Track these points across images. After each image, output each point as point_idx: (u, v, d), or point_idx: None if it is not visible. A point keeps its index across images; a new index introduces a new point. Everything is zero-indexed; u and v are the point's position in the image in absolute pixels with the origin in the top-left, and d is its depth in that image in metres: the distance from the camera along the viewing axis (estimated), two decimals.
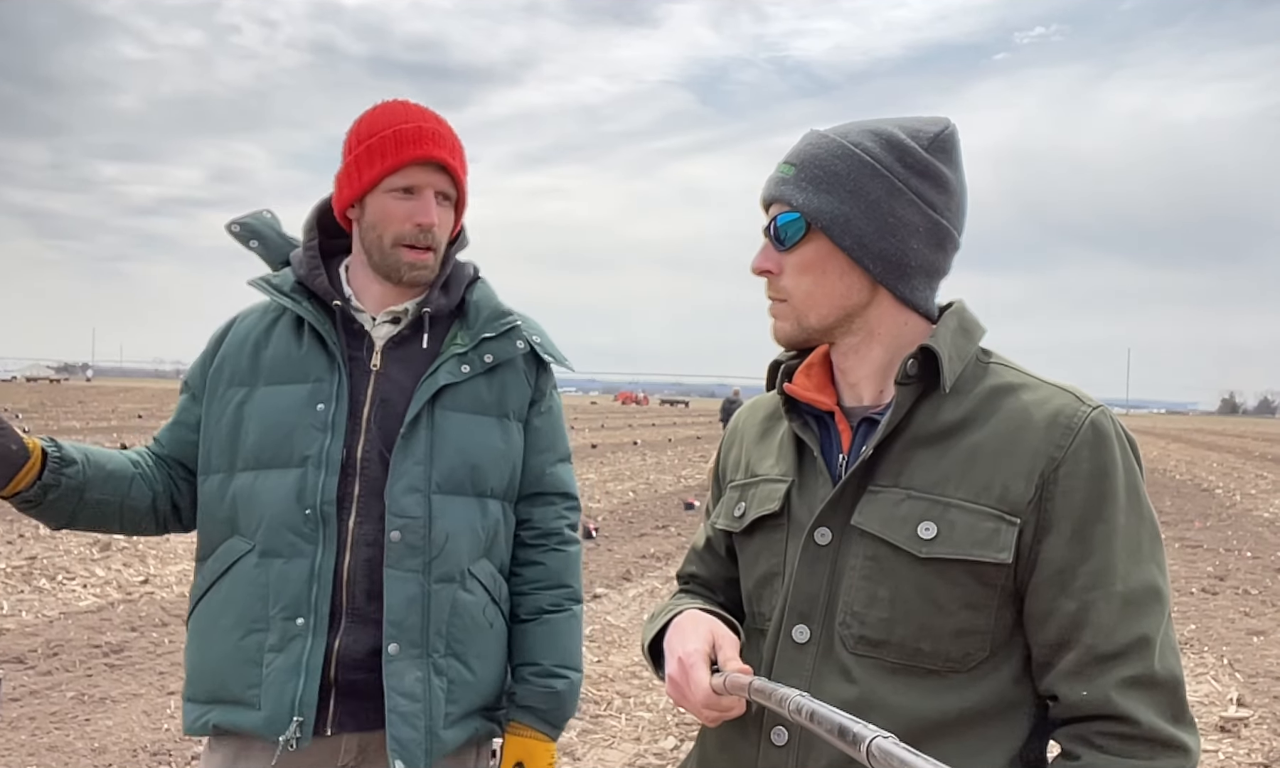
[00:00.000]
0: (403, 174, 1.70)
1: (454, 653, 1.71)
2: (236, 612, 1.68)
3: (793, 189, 1.21)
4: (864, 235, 1.18)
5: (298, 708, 1.63)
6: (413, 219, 1.70)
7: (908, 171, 1.18)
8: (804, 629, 1.19)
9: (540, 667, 1.80)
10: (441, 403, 1.73)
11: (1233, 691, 5.69)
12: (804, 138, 1.25)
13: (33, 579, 7.54)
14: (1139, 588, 1.10)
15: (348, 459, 1.69)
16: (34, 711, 4.70)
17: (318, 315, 1.73)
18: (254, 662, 1.66)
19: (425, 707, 1.67)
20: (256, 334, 1.79)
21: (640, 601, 7.72)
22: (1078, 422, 1.12)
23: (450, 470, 1.72)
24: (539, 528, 1.85)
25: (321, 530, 1.66)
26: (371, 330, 1.76)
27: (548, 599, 1.83)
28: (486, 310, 1.81)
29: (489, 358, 1.77)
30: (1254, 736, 5.04)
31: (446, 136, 1.73)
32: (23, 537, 9.29)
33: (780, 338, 1.26)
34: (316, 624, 1.65)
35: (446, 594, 1.70)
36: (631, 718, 4.99)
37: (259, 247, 1.83)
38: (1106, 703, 1.08)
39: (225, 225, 1.83)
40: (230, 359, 1.79)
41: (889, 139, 1.19)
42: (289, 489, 1.67)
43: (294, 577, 1.66)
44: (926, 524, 1.13)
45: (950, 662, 1.14)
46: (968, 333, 1.22)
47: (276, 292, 1.76)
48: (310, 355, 1.73)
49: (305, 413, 1.70)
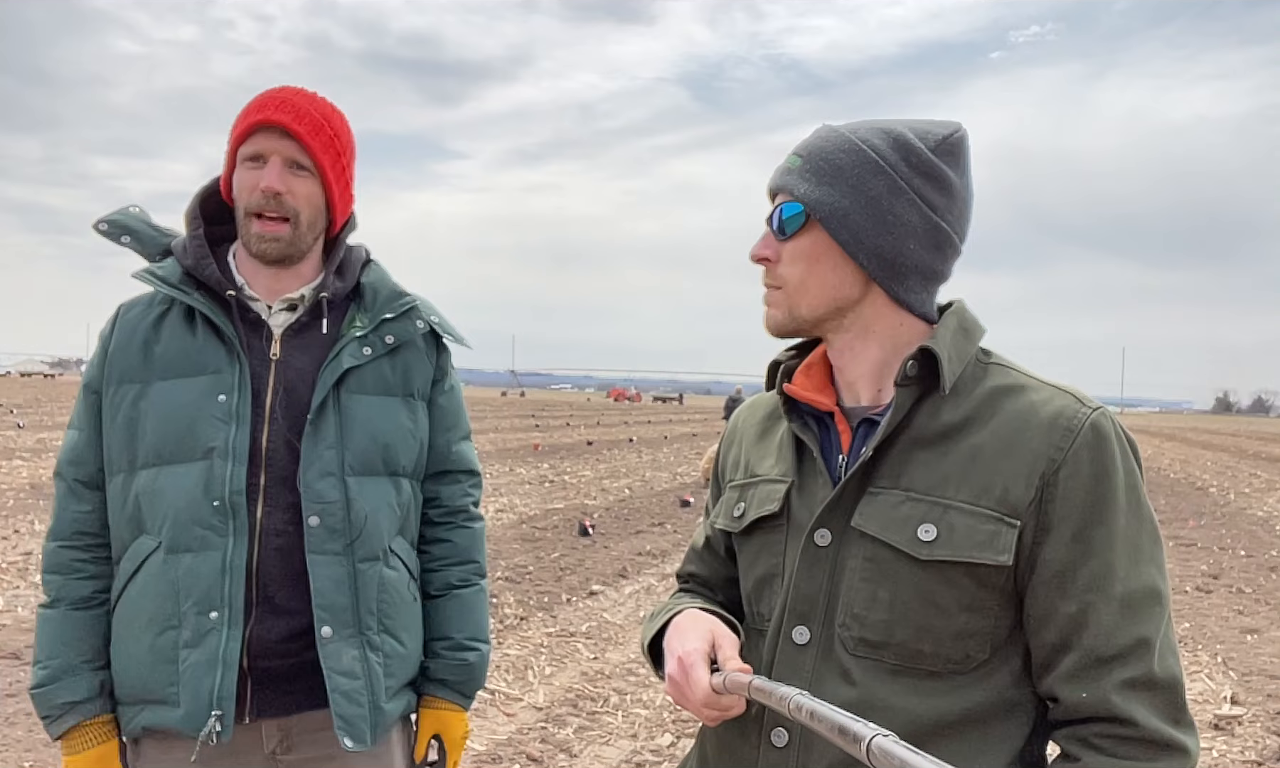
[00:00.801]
0: (250, 142, 1.68)
1: (386, 629, 1.74)
2: (149, 611, 1.66)
3: (796, 179, 1.22)
4: (860, 230, 1.18)
5: (215, 702, 1.61)
6: (257, 186, 1.67)
7: (911, 171, 1.18)
8: (804, 630, 1.20)
9: (452, 640, 1.85)
10: (347, 386, 1.73)
11: (1226, 689, 5.71)
12: (815, 131, 1.25)
13: (29, 575, 7.53)
14: (1139, 590, 1.10)
15: (253, 450, 1.67)
16: (30, 707, 4.69)
17: (211, 306, 1.69)
18: (169, 660, 1.65)
19: (366, 683, 1.70)
20: (145, 328, 1.73)
21: (636, 598, 7.72)
22: (1078, 423, 1.12)
23: (362, 452, 1.72)
24: (446, 506, 1.89)
25: (231, 522, 1.64)
26: (269, 319, 1.74)
27: (456, 575, 1.88)
28: (384, 292, 1.81)
29: (390, 339, 1.77)
30: (1248, 734, 5.05)
31: (301, 107, 1.68)
32: (18, 532, 9.28)
33: (770, 325, 1.26)
34: (231, 617, 1.63)
35: (373, 572, 1.72)
36: (628, 715, 4.99)
37: (131, 241, 1.78)
38: (1106, 705, 1.08)
39: (93, 225, 1.78)
40: (119, 356, 1.73)
41: (896, 138, 1.19)
42: (194, 482, 1.64)
43: (205, 571, 1.63)
44: (926, 526, 1.13)
45: (950, 663, 1.14)
46: (968, 333, 1.21)
47: (164, 283, 1.70)
48: (207, 347, 1.69)
49: (207, 404, 1.66)
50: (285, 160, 1.68)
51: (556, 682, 5.47)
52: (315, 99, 1.73)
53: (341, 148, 1.74)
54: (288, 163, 1.68)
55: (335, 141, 1.72)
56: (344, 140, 1.74)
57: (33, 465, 15.05)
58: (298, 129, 1.67)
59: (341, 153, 1.74)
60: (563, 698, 5.18)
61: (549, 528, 10.88)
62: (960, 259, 1.26)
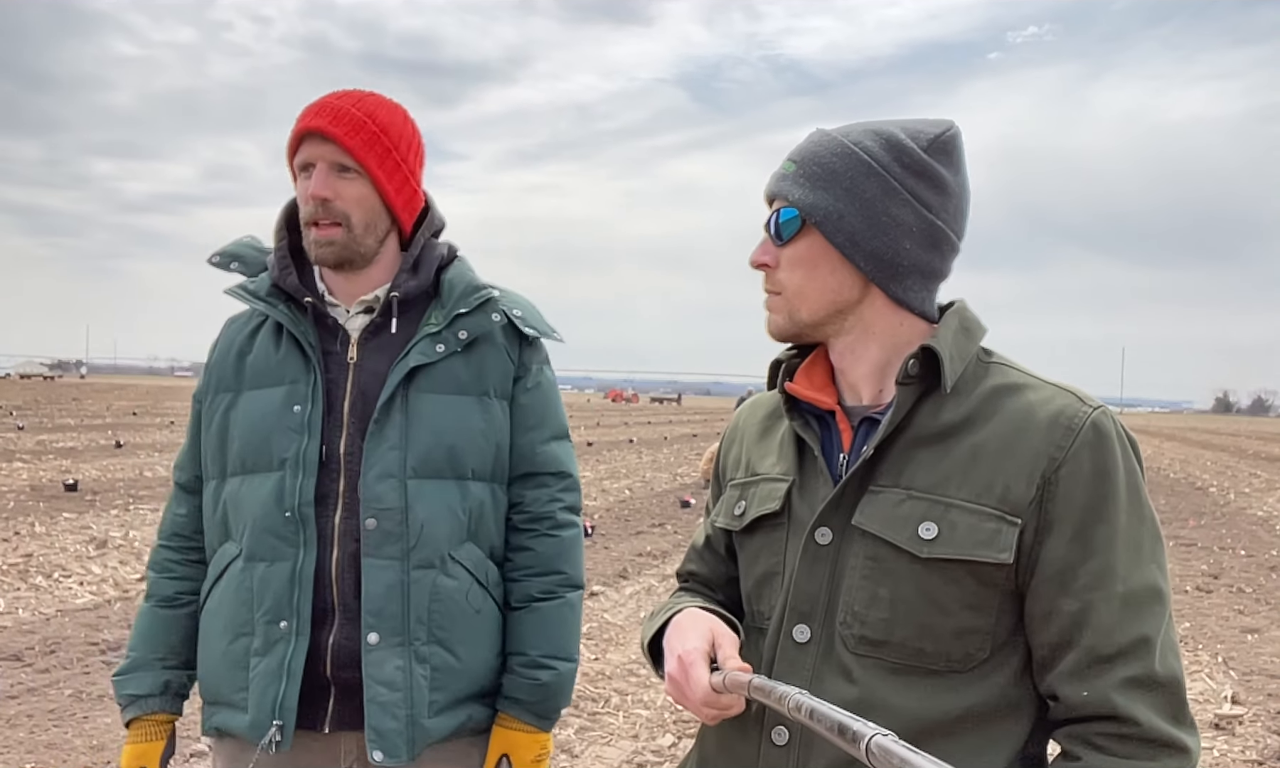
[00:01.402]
0: (299, 153, 1.68)
1: (437, 640, 1.68)
2: (226, 616, 1.70)
3: (791, 185, 1.22)
4: (856, 233, 1.18)
5: (277, 712, 1.62)
6: (307, 197, 1.67)
7: (904, 171, 1.18)
8: (804, 629, 1.20)
9: (527, 657, 1.75)
10: (416, 385, 1.70)
11: (1227, 688, 5.71)
12: (809, 136, 1.26)
13: (29, 577, 7.52)
14: (1139, 589, 1.10)
15: (329, 457, 1.67)
16: (31, 708, 4.69)
17: (292, 316, 1.72)
18: (241, 666, 1.67)
19: (406, 696, 1.64)
20: (240, 340, 1.78)
21: (637, 598, 7.72)
22: (1079, 422, 1.13)
23: (426, 453, 1.68)
24: (529, 512, 1.79)
25: (301, 532, 1.65)
26: (346, 323, 1.74)
27: (537, 587, 1.78)
28: (460, 287, 1.76)
29: (463, 335, 1.73)
30: (1248, 733, 5.05)
31: (341, 109, 1.66)
32: (19, 534, 9.27)
33: (772, 330, 1.27)
34: (299, 627, 1.64)
35: (426, 580, 1.67)
36: (629, 715, 4.99)
37: (240, 266, 1.81)
38: (1107, 703, 1.08)
39: (207, 260, 1.82)
40: (218, 366, 1.79)
41: (888, 139, 1.20)
42: (269, 493, 1.67)
43: (276, 580, 1.65)
44: (927, 524, 1.13)
45: (951, 662, 1.14)
46: (969, 333, 1.22)
47: (253, 297, 1.74)
48: (288, 357, 1.72)
49: (283, 416, 1.68)
50: (330, 165, 1.66)
51: None
52: (362, 99, 1.70)
53: (391, 143, 1.69)
54: (333, 167, 1.66)
55: (381, 138, 1.68)
56: (394, 136, 1.70)
57: (33, 467, 15.04)
58: (335, 132, 1.64)
59: (392, 148, 1.69)
60: None
61: None
62: (959, 258, 1.26)
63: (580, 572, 1.84)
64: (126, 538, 9.30)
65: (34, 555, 8.28)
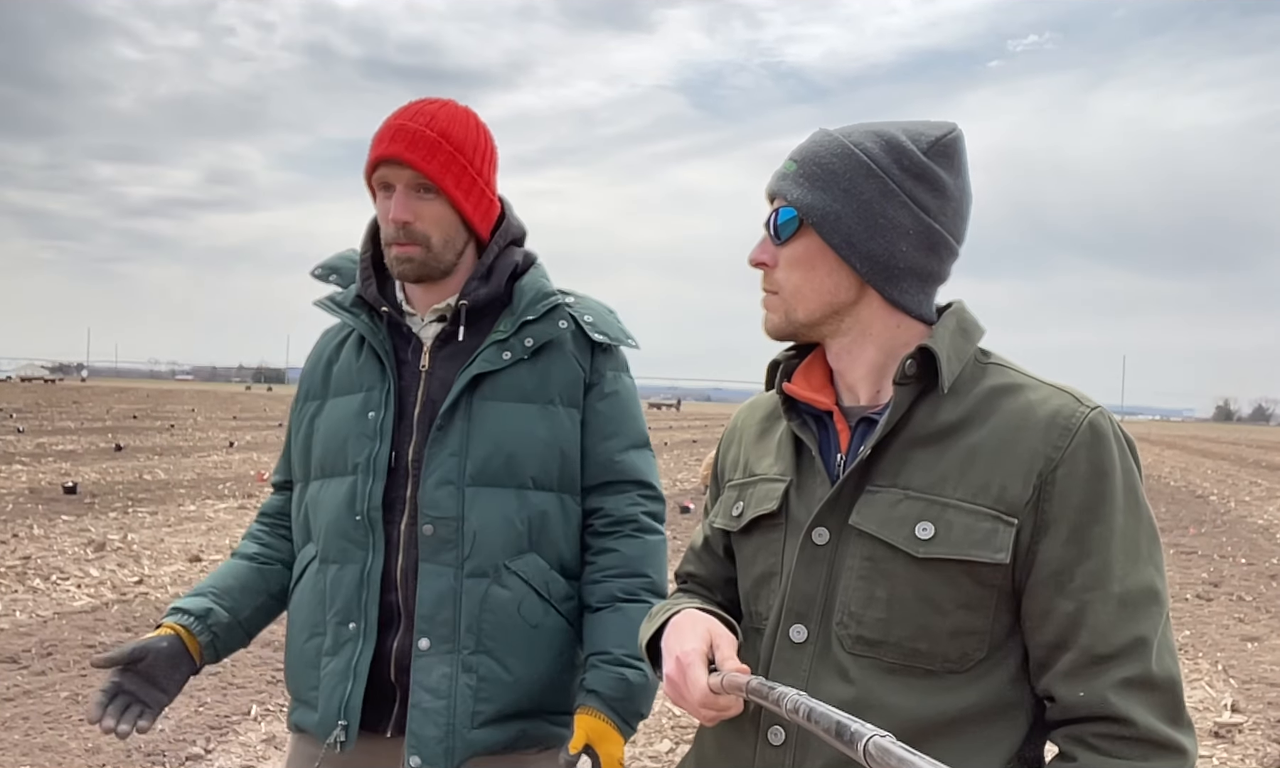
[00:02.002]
0: (378, 175, 1.70)
1: (485, 650, 1.66)
2: (303, 615, 1.75)
3: (791, 185, 1.22)
4: (852, 234, 1.18)
5: (343, 712, 1.65)
6: (387, 218, 1.70)
7: (903, 174, 1.18)
8: (801, 629, 1.19)
9: (610, 655, 1.67)
10: (480, 393, 1.70)
11: (1227, 697, 5.70)
12: (811, 136, 1.26)
13: (27, 579, 7.52)
14: (1136, 589, 1.10)
15: (398, 463, 1.70)
16: (28, 710, 4.68)
17: (370, 325, 1.76)
18: (314, 665, 1.72)
19: (449, 704, 1.63)
20: (329, 350, 1.85)
21: None
22: (1076, 422, 1.13)
23: (484, 461, 1.68)
24: (611, 516, 1.76)
25: (370, 535, 1.68)
26: (419, 331, 1.77)
27: (620, 587, 1.72)
28: (530, 294, 1.76)
29: (530, 342, 1.73)
30: (1248, 741, 5.04)
31: (416, 132, 1.67)
32: (16, 537, 9.27)
33: (768, 329, 1.28)
34: (366, 629, 1.67)
35: (478, 589, 1.66)
36: None
37: (337, 279, 1.85)
38: (1103, 704, 1.08)
39: (310, 272, 1.87)
40: (308, 376, 1.87)
41: (889, 140, 1.20)
42: (343, 496, 1.71)
43: (346, 582, 1.69)
44: (924, 524, 1.13)
45: (948, 662, 1.14)
46: (966, 333, 1.22)
47: (337, 307, 1.80)
48: (366, 365, 1.77)
49: (358, 422, 1.73)
50: (408, 187, 1.68)
51: None
52: (435, 116, 1.70)
53: (467, 159, 1.70)
54: (411, 189, 1.68)
55: (457, 158, 1.69)
56: (468, 152, 1.71)
57: (32, 470, 15.04)
58: (412, 159, 1.66)
59: (467, 165, 1.71)
60: None
61: None
62: (959, 263, 1.26)
63: (665, 580, 1.76)
64: (125, 541, 9.29)
65: (32, 558, 8.28)
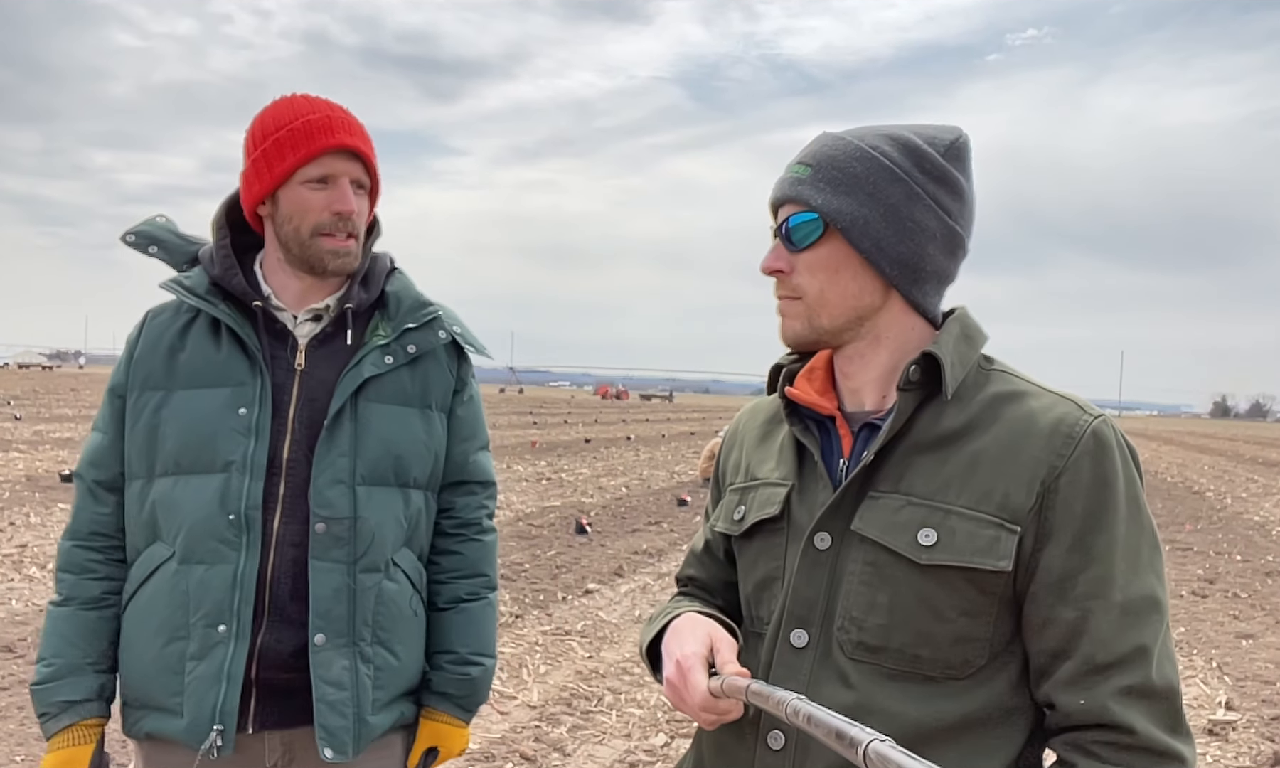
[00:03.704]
0: (317, 164, 1.68)
1: (380, 641, 1.73)
2: (158, 619, 1.68)
3: (810, 189, 1.20)
4: (882, 239, 1.18)
5: (218, 716, 1.63)
6: (330, 207, 1.68)
7: (925, 177, 1.19)
8: (802, 634, 1.19)
9: (457, 655, 1.83)
10: (365, 395, 1.73)
11: (1221, 694, 5.71)
12: (817, 140, 1.25)
13: (23, 567, 7.52)
14: (1138, 598, 1.10)
15: (273, 461, 1.68)
16: (23, 700, 4.68)
17: (236, 318, 1.71)
18: (175, 670, 1.66)
19: (353, 695, 1.69)
20: (170, 336, 1.75)
21: (632, 596, 7.72)
22: (1079, 431, 1.12)
23: (374, 462, 1.72)
24: (459, 517, 1.87)
25: (245, 536, 1.65)
26: (294, 329, 1.75)
27: (465, 588, 1.86)
28: (408, 301, 1.81)
29: (411, 349, 1.77)
30: (1242, 739, 5.06)
31: (356, 126, 1.72)
32: (13, 525, 9.27)
33: (789, 337, 1.25)
34: (239, 631, 1.64)
35: (372, 584, 1.71)
36: (622, 714, 4.99)
37: (159, 252, 1.80)
38: (1104, 712, 1.08)
39: (120, 237, 1.79)
40: (144, 362, 1.75)
41: (906, 144, 1.20)
42: (212, 495, 1.66)
43: (216, 584, 1.65)
44: (926, 531, 1.13)
45: (948, 669, 1.14)
46: (970, 340, 1.22)
47: (191, 293, 1.72)
48: (230, 358, 1.71)
49: (227, 417, 1.68)
50: (353, 181, 1.71)
51: (551, 680, 5.47)
52: (351, 113, 1.74)
53: (376, 158, 1.77)
54: (353, 184, 1.71)
55: (375, 154, 1.75)
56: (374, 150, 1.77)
57: (29, 458, 15.03)
58: (365, 151, 1.71)
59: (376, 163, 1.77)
60: (557, 697, 5.18)
61: (545, 526, 10.88)
62: None
63: (497, 575, 1.93)
64: None
65: (29, 546, 8.27)
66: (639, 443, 26.52)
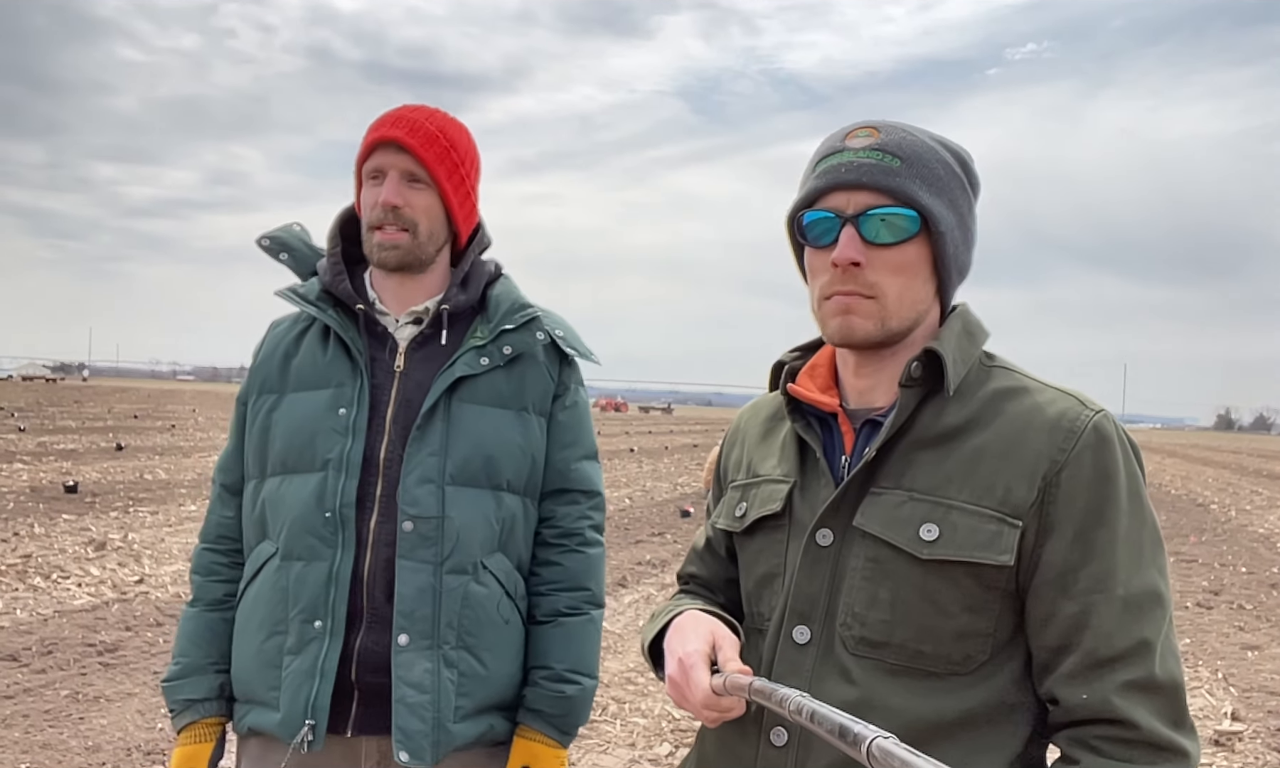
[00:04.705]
0: (370, 161, 1.72)
1: (465, 645, 1.69)
2: (261, 614, 1.71)
3: (909, 183, 1.15)
4: (957, 247, 1.20)
5: (310, 711, 1.64)
6: (379, 201, 1.70)
7: (971, 188, 1.22)
8: (804, 630, 1.19)
9: (552, 671, 1.76)
10: (459, 395, 1.73)
11: (1227, 705, 5.69)
12: (881, 126, 1.19)
13: (27, 577, 7.52)
14: (1140, 592, 1.10)
15: (369, 461, 1.70)
16: (28, 709, 4.68)
17: (342, 321, 1.75)
18: (274, 664, 1.69)
19: (433, 699, 1.65)
20: (287, 343, 1.81)
21: (636, 607, 7.71)
22: (1080, 425, 1.13)
23: (464, 461, 1.71)
24: (560, 527, 1.82)
25: (340, 533, 1.67)
26: (395, 332, 1.78)
27: (564, 602, 1.79)
28: (507, 304, 1.81)
29: (508, 350, 1.77)
30: (1248, 750, 5.03)
31: (416, 121, 1.72)
32: (18, 535, 9.27)
33: (857, 336, 1.17)
34: (334, 627, 1.65)
35: (458, 586, 1.69)
36: (627, 724, 4.98)
37: (288, 259, 1.85)
38: (1106, 707, 1.07)
39: (256, 240, 1.86)
40: (262, 368, 1.82)
41: (956, 152, 1.22)
42: (310, 493, 1.69)
43: (312, 580, 1.67)
44: (929, 526, 1.13)
45: (951, 664, 1.14)
46: (972, 336, 1.22)
47: (303, 300, 1.78)
48: (334, 361, 1.75)
49: (327, 418, 1.71)
50: (402, 174, 1.71)
51: None
52: (434, 114, 1.75)
53: (459, 159, 1.75)
54: (404, 176, 1.71)
55: (451, 153, 1.73)
56: (461, 152, 1.76)
57: (33, 469, 15.04)
58: (411, 143, 1.70)
59: (459, 164, 1.75)
60: None
61: None
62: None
63: (603, 590, 1.86)
64: (125, 540, 9.29)
65: (33, 556, 8.27)
66: (642, 455, 26.49)
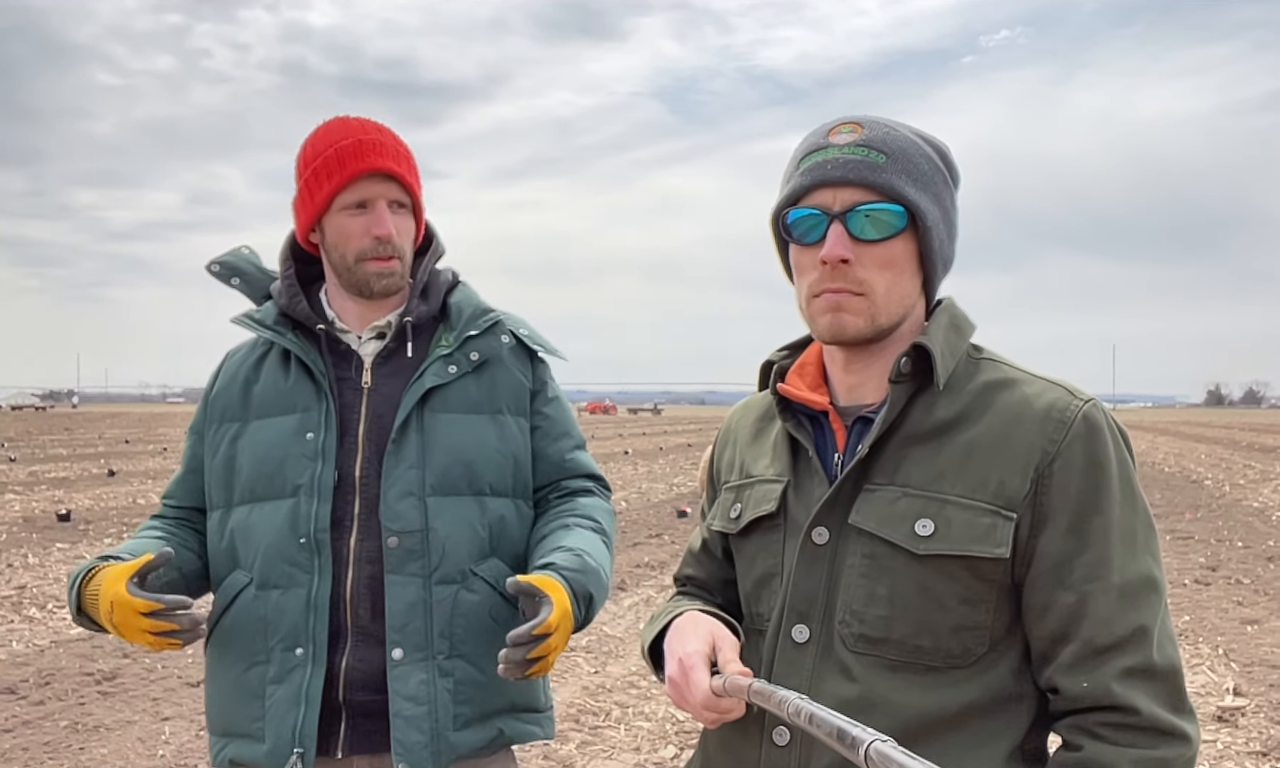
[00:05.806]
0: (351, 190, 1.69)
1: (459, 654, 1.68)
2: (239, 645, 1.70)
3: (895, 178, 1.15)
4: (942, 241, 1.20)
5: (297, 739, 1.62)
6: (370, 233, 1.69)
7: (952, 180, 1.22)
8: (803, 629, 1.19)
9: (569, 549, 1.65)
10: (430, 406, 1.72)
11: (1229, 680, 5.71)
12: (863, 121, 1.18)
13: (23, 608, 7.48)
14: (1135, 579, 1.11)
15: (344, 481, 1.69)
16: (27, 741, 4.65)
17: (302, 344, 1.74)
18: (257, 694, 1.67)
19: (430, 710, 1.65)
20: (246, 369, 1.80)
21: (636, 610, 7.70)
22: (1071, 415, 1.13)
23: (443, 471, 1.70)
24: (567, 489, 1.82)
25: (316, 558, 1.66)
26: (359, 348, 1.77)
27: (572, 518, 1.75)
28: (469, 310, 1.81)
29: (475, 356, 1.77)
30: (1251, 724, 5.05)
31: (389, 145, 1.72)
32: (12, 566, 9.22)
33: (848, 333, 1.17)
34: (315, 653, 1.64)
35: (448, 596, 1.68)
36: (630, 728, 4.97)
37: (240, 283, 1.84)
38: (1107, 694, 1.08)
39: (205, 266, 1.84)
40: (221, 396, 1.80)
41: (936, 146, 1.22)
42: (283, 520, 1.68)
43: (291, 607, 1.66)
44: (924, 521, 1.13)
45: (950, 658, 1.14)
46: (959, 329, 1.22)
47: (260, 325, 1.76)
48: (298, 385, 1.74)
49: (295, 443, 1.70)
50: (390, 203, 1.71)
51: (558, 697, 5.44)
52: (384, 129, 1.74)
53: (417, 174, 1.76)
54: (392, 204, 1.71)
55: (416, 170, 1.75)
56: (414, 165, 1.77)
57: (25, 499, 14.97)
58: (399, 171, 1.70)
59: (418, 178, 1.76)
60: (564, 713, 5.16)
61: None
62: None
63: (614, 533, 1.81)
64: None
65: (27, 587, 8.23)
66: (636, 457, 26.50)
